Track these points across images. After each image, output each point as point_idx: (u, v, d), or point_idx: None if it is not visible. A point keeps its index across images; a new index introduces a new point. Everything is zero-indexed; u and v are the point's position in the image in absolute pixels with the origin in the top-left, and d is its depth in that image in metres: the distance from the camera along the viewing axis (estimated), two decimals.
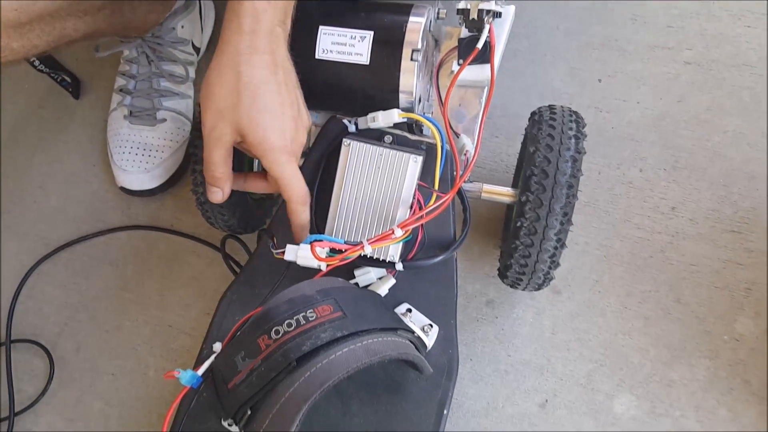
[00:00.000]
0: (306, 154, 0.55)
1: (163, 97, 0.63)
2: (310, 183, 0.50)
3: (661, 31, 0.69)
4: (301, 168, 0.51)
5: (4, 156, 0.71)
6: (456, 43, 0.54)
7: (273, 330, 0.40)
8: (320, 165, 0.50)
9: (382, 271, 0.50)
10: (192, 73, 0.66)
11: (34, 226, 0.67)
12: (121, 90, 0.64)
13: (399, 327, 0.44)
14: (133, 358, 0.60)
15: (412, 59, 0.46)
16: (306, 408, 0.38)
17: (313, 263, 0.44)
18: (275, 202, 0.63)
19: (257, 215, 0.58)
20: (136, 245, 0.65)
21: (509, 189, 0.55)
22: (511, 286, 0.54)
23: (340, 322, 0.41)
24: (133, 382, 0.59)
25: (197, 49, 0.66)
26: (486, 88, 0.56)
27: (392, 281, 0.50)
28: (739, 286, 0.57)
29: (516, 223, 0.48)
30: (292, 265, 0.49)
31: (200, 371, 0.42)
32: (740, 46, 0.65)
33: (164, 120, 0.63)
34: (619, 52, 0.69)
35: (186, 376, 0.41)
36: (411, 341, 0.45)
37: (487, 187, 0.55)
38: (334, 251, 0.45)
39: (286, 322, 0.40)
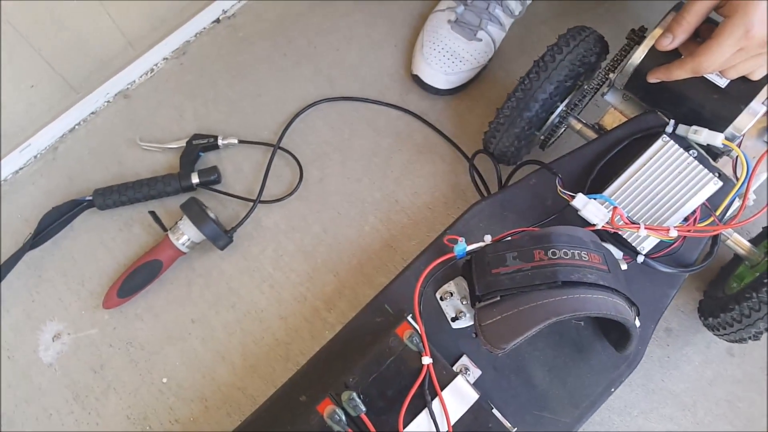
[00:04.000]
0: (599, 128, 0.61)
1: (490, 21, 0.70)
2: (604, 153, 0.57)
3: None
4: (600, 138, 0.58)
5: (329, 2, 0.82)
6: None
7: (551, 250, 0.48)
8: (621, 143, 0.56)
9: (620, 254, 0.56)
10: (519, 14, 0.72)
11: (328, 68, 0.77)
12: None
13: (635, 304, 0.50)
14: (359, 209, 0.70)
15: (763, 103, 0.51)
16: (553, 320, 0.45)
17: (595, 219, 0.50)
18: (529, 151, 0.70)
19: (525, 152, 0.66)
20: (399, 126, 0.74)
21: (752, 246, 0.59)
22: (710, 328, 0.59)
23: (604, 274, 0.48)
24: (351, 226, 0.70)
25: None
26: None
27: (624, 267, 0.55)
28: None
29: (763, 279, 0.52)
30: (559, 211, 0.56)
31: (469, 248, 0.51)
32: None
33: (480, 40, 0.70)
34: None
35: (460, 247, 0.50)
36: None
37: (735, 236, 0.59)
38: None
39: (563, 250, 0.48)
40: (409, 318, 0.50)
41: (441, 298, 0.56)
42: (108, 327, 0.66)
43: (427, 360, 0.46)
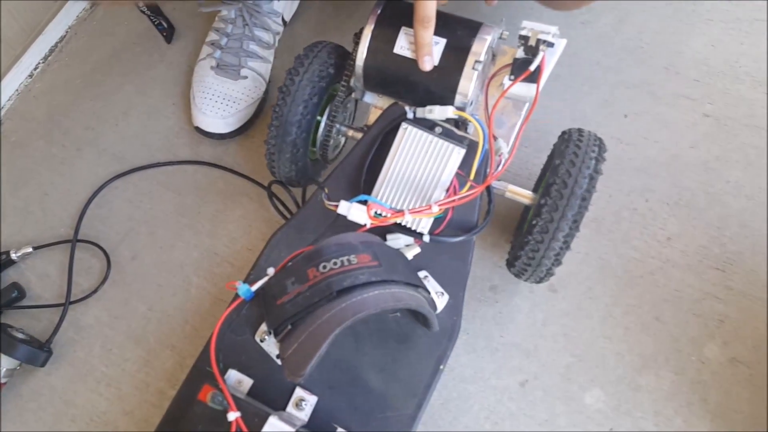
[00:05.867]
0: (367, 129, 0.64)
1: (249, 57, 0.71)
2: (365, 154, 0.59)
3: (689, 83, 0.77)
4: (360, 141, 0.60)
5: (97, 79, 0.80)
6: (509, 61, 0.63)
7: (321, 265, 0.49)
8: (377, 140, 0.59)
9: (410, 240, 0.59)
10: (276, 42, 0.74)
11: (113, 146, 0.76)
12: (212, 43, 0.72)
13: (420, 285, 0.53)
14: (180, 275, 0.69)
15: (473, 68, 0.55)
16: (338, 331, 0.46)
17: (361, 220, 0.52)
18: (325, 166, 0.72)
19: (310, 173, 0.67)
20: (198, 179, 0.74)
21: (530, 192, 0.64)
22: (516, 276, 0.62)
23: (376, 270, 0.49)
24: (176, 295, 0.68)
25: (285, 23, 0.75)
26: (527, 104, 0.64)
27: (417, 250, 0.58)
28: (714, 317, 0.65)
29: (532, 222, 0.56)
30: (338, 220, 0.58)
31: (254, 287, 0.51)
32: (756, 109, 0.73)
33: (246, 77, 0.72)
34: (649, 94, 0.77)
35: (243, 289, 0.50)
36: (427, 300, 0.53)
37: (511, 187, 0.63)
38: (378, 214, 0.54)
39: (333, 260, 0.49)
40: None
41: (261, 340, 0.56)
42: None
43: (232, 416, 0.46)
